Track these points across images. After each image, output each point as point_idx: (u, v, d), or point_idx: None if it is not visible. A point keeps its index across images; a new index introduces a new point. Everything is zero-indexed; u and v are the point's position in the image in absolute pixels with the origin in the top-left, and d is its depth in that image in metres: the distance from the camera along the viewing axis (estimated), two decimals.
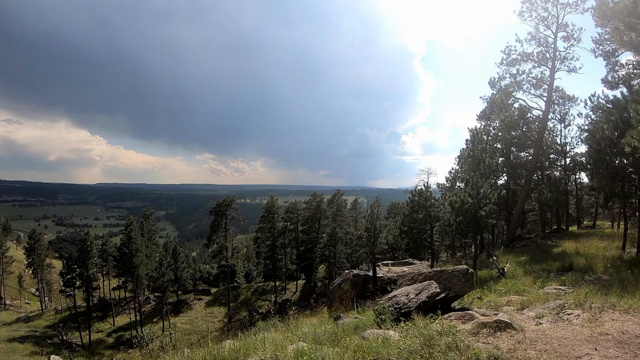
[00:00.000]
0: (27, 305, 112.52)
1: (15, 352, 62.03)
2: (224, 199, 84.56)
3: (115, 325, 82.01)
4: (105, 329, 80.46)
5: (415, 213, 50.01)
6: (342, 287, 31.54)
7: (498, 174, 58.15)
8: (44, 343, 71.62)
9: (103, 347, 73.30)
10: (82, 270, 78.01)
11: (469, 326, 11.96)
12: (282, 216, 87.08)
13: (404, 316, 13.68)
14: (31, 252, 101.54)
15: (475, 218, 38.10)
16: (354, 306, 22.82)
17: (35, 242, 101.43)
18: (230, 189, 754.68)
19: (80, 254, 79.05)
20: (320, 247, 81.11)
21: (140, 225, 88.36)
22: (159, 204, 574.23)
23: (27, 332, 78.26)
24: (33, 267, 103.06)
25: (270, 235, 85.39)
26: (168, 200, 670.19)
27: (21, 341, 71.26)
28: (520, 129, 57.71)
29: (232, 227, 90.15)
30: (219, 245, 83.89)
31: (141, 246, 79.53)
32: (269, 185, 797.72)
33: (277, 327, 17.47)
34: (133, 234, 78.10)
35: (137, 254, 77.22)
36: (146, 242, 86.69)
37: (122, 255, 79.59)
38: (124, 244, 79.24)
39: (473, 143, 56.78)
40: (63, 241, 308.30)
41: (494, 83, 53.63)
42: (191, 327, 76.67)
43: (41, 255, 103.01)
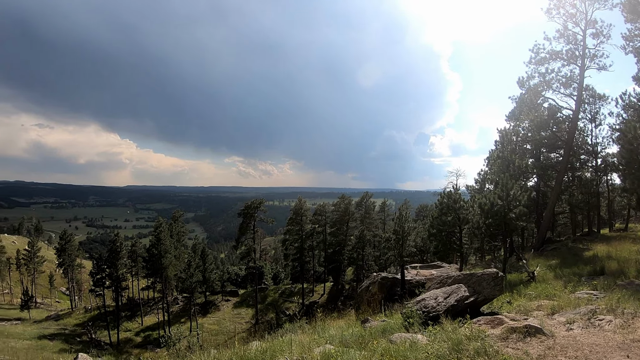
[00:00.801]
0: (57, 303, 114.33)
1: (44, 349, 62.87)
2: (253, 201, 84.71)
3: (143, 324, 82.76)
4: (134, 329, 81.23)
5: (444, 215, 49.55)
6: (370, 290, 31.42)
7: (528, 175, 57.32)
8: (73, 341, 72.57)
9: (131, 346, 73.98)
10: (111, 270, 78.92)
11: (498, 331, 11.80)
12: (311, 218, 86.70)
13: (432, 320, 13.54)
14: (62, 252, 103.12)
15: (504, 220, 37.65)
16: (382, 309, 22.71)
17: (66, 243, 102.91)
18: (259, 191, 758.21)
19: (110, 255, 79.97)
20: (348, 250, 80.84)
21: (169, 227, 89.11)
22: (188, 206, 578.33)
23: (56, 329, 79.42)
24: (64, 267, 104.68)
25: (298, 238, 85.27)
26: (197, 203, 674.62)
27: (51, 338, 72.32)
28: (550, 129, 56.84)
29: (260, 229, 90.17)
30: (247, 247, 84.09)
31: (170, 247, 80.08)
32: (297, 188, 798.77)
33: (304, 329, 17.39)
34: (162, 235, 78.68)
35: (166, 255, 77.78)
36: (175, 243, 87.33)
37: (151, 256, 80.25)
38: (153, 245, 79.90)
39: (502, 144, 56.19)
40: (93, 242, 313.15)
41: (523, 82, 52.79)
42: (218, 327, 76.99)
43: (72, 256, 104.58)
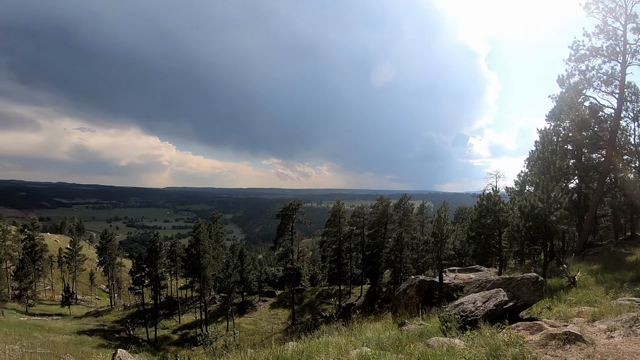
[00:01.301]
0: (97, 300, 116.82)
1: (83, 344, 63.98)
2: (291, 202, 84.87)
3: (180, 323, 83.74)
4: (171, 327, 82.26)
5: (483, 218, 48.94)
6: (408, 293, 31.23)
7: (569, 177, 56.13)
8: (112, 337, 73.86)
9: (168, 343, 74.90)
10: (151, 269, 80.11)
11: (537, 337, 11.63)
12: (348, 220, 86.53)
13: (470, 324, 13.41)
14: (103, 251, 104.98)
15: (545, 223, 37.09)
16: (419, 313, 22.57)
17: (107, 242, 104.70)
18: (297, 193, 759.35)
19: (149, 254, 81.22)
20: (386, 252, 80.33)
21: (208, 228, 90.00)
22: (227, 208, 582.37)
23: (96, 325, 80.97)
24: (104, 266, 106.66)
25: (336, 239, 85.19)
26: (235, 204, 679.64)
27: (90, 334, 73.73)
28: (592, 128, 55.46)
29: (298, 231, 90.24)
30: (285, 249, 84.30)
31: (209, 248, 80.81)
32: (335, 190, 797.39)
33: (340, 331, 17.34)
34: (201, 236, 79.44)
35: (205, 256, 78.50)
36: (213, 244, 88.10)
37: (190, 256, 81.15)
38: (192, 245, 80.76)
39: (542, 145, 55.23)
40: (133, 241, 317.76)
41: (563, 81, 51.73)
42: (255, 327, 77.39)
43: (112, 255, 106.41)
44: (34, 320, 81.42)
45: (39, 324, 78.05)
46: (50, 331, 71.74)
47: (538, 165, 52.97)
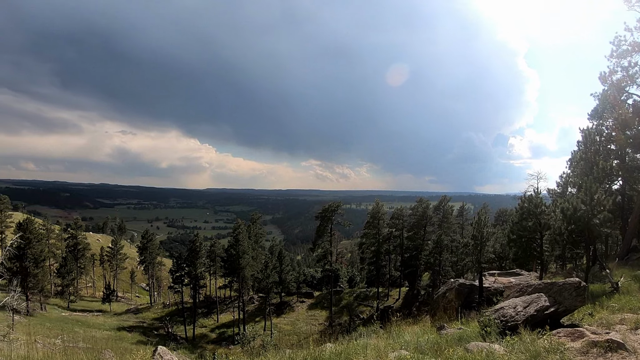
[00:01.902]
0: (137, 298, 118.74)
1: (123, 340, 65.17)
2: (330, 204, 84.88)
3: (218, 322, 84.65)
4: (209, 325, 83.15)
5: (524, 220, 48.07)
6: (447, 296, 30.98)
7: (612, 178, 54.69)
8: (150, 334, 74.99)
9: (206, 341, 75.69)
10: (190, 269, 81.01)
11: (578, 344, 11.39)
12: (388, 222, 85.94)
13: (510, 330, 13.22)
14: (144, 250, 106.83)
15: (588, 227, 36.33)
16: (458, 316, 22.36)
17: (147, 242, 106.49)
18: (336, 194, 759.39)
19: (189, 254, 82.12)
20: (425, 255, 79.68)
21: (248, 229, 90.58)
22: (266, 209, 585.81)
23: (135, 322, 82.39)
24: (145, 265, 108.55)
25: (375, 241, 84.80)
26: (275, 205, 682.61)
27: (129, 330, 75.11)
28: (636, 127, 53.93)
29: (337, 232, 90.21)
30: (323, 250, 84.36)
31: (248, 248, 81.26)
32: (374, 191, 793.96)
33: (378, 334, 17.28)
34: (240, 236, 79.92)
35: (244, 256, 78.94)
36: (253, 244, 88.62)
37: (229, 256, 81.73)
38: (231, 245, 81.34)
39: (585, 145, 54.14)
40: (173, 241, 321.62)
41: (605, 78, 50.18)
42: (292, 328, 77.61)
43: (153, 254, 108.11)
44: (75, 315, 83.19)
45: (80, 319, 79.73)
46: (90, 327, 73.22)
47: (580, 166, 52.00)
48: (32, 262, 74.06)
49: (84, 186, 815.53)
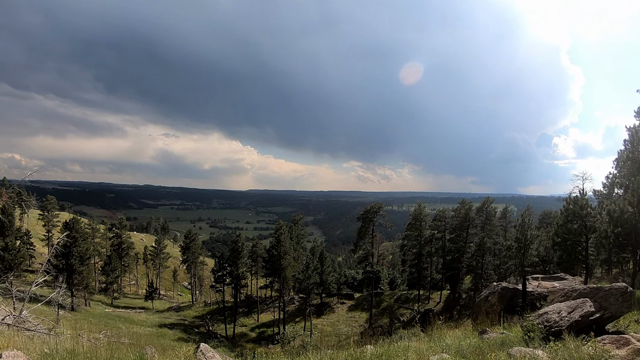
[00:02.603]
0: (179, 296, 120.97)
1: (164, 337, 66.20)
2: (372, 205, 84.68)
3: (259, 321, 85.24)
4: (249, 324, 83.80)
5: (569, 223, 47.06)
6: (489, 300, 30.59)
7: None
8: (191, 331, 76.01)
9: (245, 340, 76.32)
10: (232, 268, 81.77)
11: (623, 352, 11.12)
12: (430, 224, 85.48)
13: (553, 335, 12.98)
14: (186, 250, 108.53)
15: (635, 229, 35.45)
16: (500, 321, 22.06)
17: (190, 242, 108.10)
18: (377, 195, 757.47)
19: (231, 254, 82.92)
20: (467, 257, 78.72)
21: (289, 230, 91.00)
22: (308, 210, 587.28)
23: (176, 320, 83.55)
24: (187, 264, 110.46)
25: (416, 243, 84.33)
26: (316, 207, 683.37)
27: (170, 327, 76.24)
28: None
29: (378, 234, 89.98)
30: (365, 251, 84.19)
31: (289, 249, 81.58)
32: (416, 193, 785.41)
33: (419, 337, 17.16)
34: (282, 237, 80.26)
35: (285, 257, 79.25)
36: (294, 245, 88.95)
37: (271, 257, 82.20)
38: (273, 246, 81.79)
39: (632, 143, 52.65)
40: (216, 242, 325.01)
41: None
42: (332, 329, 77.65)
43: (195, 254, 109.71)
44: (118, 312, 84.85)
45: (123, 315, 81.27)
46: (133, 323, 74.65)
47: (627, 166, 50.59)
48: (77, 259, 75.77)
49: (129, 187, 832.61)
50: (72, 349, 8.33)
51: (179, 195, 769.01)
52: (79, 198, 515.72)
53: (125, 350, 9.38)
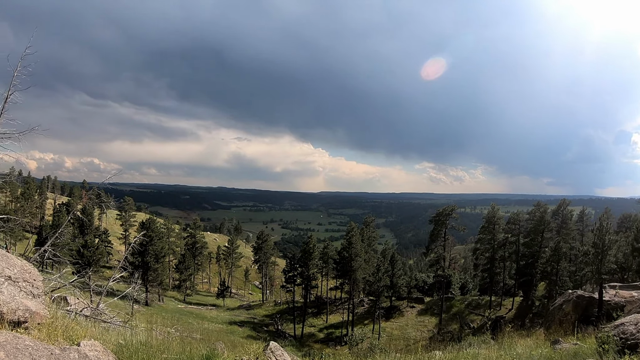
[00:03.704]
0: (249, 295, 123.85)
1: (233, 333, 67.65)
2: (444, 208, 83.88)
3: (327, 322, 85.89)
4: (318, 325, 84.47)
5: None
6: (563, 309, 29.90)
7: None
8: (260, 329, 77.48)
9: (313, 340, 76.98)
10: (303, 269, 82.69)
11: None
12: (503, 227, 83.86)
13: (629, 349, 12.54)
14: (258, 250, 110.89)
15: None
16: (574, 331, 21.50)
17: (262, 242, 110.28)
18: (450, 198, 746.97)
19: (303, 255, 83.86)
20: (542, 263, 76.69)
21: (361, 232, 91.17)
22: (379, 212, 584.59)
23: (246, 318, 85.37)
24: (259, 264, 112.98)
25: (489, 247, 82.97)
26: (387, 209, 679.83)
27: (240, 325, 77.98)
28: None
29: (450, 237, 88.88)
30: (436, 255, 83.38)
31: (360, 251, 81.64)
32: (490, 194, 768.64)
33: (488, 345, 16.92)
34: (353, 239, 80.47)
35: (356, 259, 79.39)
36: (365, 247, 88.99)
37: (342, 258, 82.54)
38: (344, 248, 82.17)
39: None
40: (287, 242, 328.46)
41: None
42: (400, 333, 77.33)
43: (267, 254, 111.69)
44: (190, 308, 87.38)
45: (194, 312, 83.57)
46: (204, 319, 76.73)
47: None
48: (152, 257, 78.50)
49: (203, 189, 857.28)
50: (145, 341, 8.61)
51: (251, 197, 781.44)
52: (155, 199, 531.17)
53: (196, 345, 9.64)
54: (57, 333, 7.30)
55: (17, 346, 5.72)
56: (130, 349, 7.75)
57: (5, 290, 7.32)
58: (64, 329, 7.62)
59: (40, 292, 8.17)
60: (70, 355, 6.18)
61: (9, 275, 7.69)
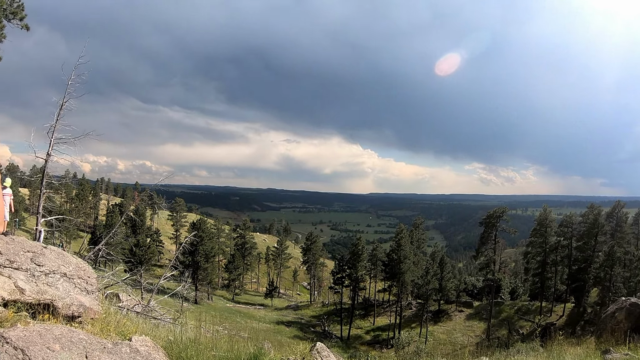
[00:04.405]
0: (297, 295, 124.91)
1: (280, 333, 68.36)
2: (495, 210, 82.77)
3: (374, 324, 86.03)
4: (365, 327, 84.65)
5: None
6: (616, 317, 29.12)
7: None
8: (307, 330, 78.03)
9: (359, 342, 77.16)
10: (351, 271, 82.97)
11: None
12: (555, 230, 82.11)
13: None
14: (307, 251, 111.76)
15: None
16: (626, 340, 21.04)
17: (311, 243, 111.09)
18: (501, 199, 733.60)
19: (351, 257, 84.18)
20: (595, 268, 74.97)
21: (410, 234, 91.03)
22: (429, 214, 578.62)
23: (294, 318, 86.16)
24: (307, 265, 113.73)
25: (541, 251, 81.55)
26: (438, 210, 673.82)
27: (287, 325, 78.85)
28: None
29: (501, 240, 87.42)
30: (486, 258, 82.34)
31: (409, 254, 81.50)
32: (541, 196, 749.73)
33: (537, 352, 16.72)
34: (402, 241, 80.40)
35: (405, 261, 79.26)
36: (414, 250, 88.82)
37: (391, 260, 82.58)
38: (393, 250, 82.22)
39: None
40: (336, 244, 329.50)
41: None
42: (447, 337, 76.69)
43: (316, 255, 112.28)
44: (238, 307, 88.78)
45: (242, 311, 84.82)
46: (251, 318, 77.95)
47: None
48: (203, 257, 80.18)
49: (252, 191, 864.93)
50: (194, 338, 8.83)
51: (300, 198, 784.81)
52: (205, 201, 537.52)
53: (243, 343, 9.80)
54: (109, 328, 7.58)
55: (72, 339, 5.99)
56: (180, 345, 7.98)
57: (61, 286, 7.66)
58: (116, 324, 7.91)
59: (94, 288, 8.50)
60: (122, 349, 6.42)
61: (64, 272, 8.04)
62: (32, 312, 6.91)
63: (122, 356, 6.25)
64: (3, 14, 25.95)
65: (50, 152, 18.05)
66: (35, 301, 6.93)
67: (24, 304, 6.81)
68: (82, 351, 5.85)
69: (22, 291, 6.87)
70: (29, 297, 6.87)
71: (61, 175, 27.81)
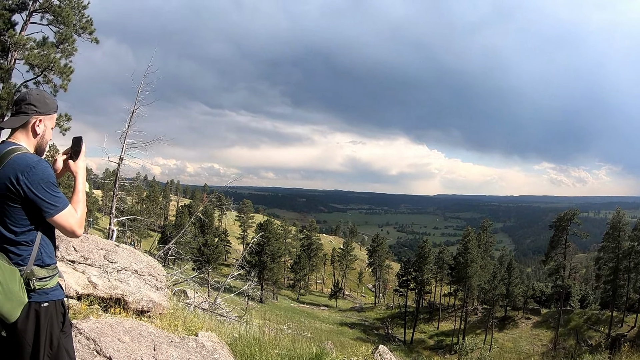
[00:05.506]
0: (362, 297, 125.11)
1: (343, 334, 68.70)
2: (566, 212, 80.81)
3: (438, 329, 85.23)
4: (428, 331, 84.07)
5: None
6: None
7: None
8: (370, 332, 78.31)
9: (422, 347, 76.70)
10: (417, 274, 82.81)
11: None
12: (629, 234, 78.23)
13: None
14: (373, 253, 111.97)
15: None
16: None
17: (377, 245, 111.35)
18: (572, 201, 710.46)
19: (417, 260, 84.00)
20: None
21: (477, 237, 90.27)
22: (497, 216, 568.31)
23: (357, 320, 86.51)
24: (373, 267, 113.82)
25: (613, 256, 78.17)
26: (506, 212, 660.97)
27: (351, 326, 79.29)
28: None
29: (572, 244, 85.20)
30: (556, 263, 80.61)
31: (476, 257, 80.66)
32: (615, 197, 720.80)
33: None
34: (470, 244, 79.68)
35: (472, 265, 78.46)
36: (482, 253, 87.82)
37: (457, 264, 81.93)
38: (460, 253, 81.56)
39: None
40: (402, 246, 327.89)
41: None
42: (513, 345, 75.25)
43: (381, 257, 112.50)
44: (302, 307, 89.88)
45: (307, 311, 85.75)
46: (315, 319, 78.71)
47: None
48: (269, 257, 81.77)
49: (319, 192, 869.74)
50: (258, 336, 9.05)
51: (367, 199, 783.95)
52: (272, 202, 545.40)
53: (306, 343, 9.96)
54: (177, 323, 7.91)
55: (141, 332, 6.34)
56: (244, 342, 8.21)
57: (132, 282, 8.06)
58: (184, 319, 8.23)
59: (163, 285, 8.87)
60: (188, 344, 6.72)
61: (135, 269, 8.46)
62: (104, 306, 7.30)
63: (188, 350, 6.54)
64: (73, 29, 27.68)
65: (122, 156, 19.04)
66: (107, 295, 7.31)
67: (97, 298, 7.21)
68: (151, 344, 6.17)
69: (95, 286, 7.26)
70: (101, 291, 7.26)
71: (132, 177, 29.11)
